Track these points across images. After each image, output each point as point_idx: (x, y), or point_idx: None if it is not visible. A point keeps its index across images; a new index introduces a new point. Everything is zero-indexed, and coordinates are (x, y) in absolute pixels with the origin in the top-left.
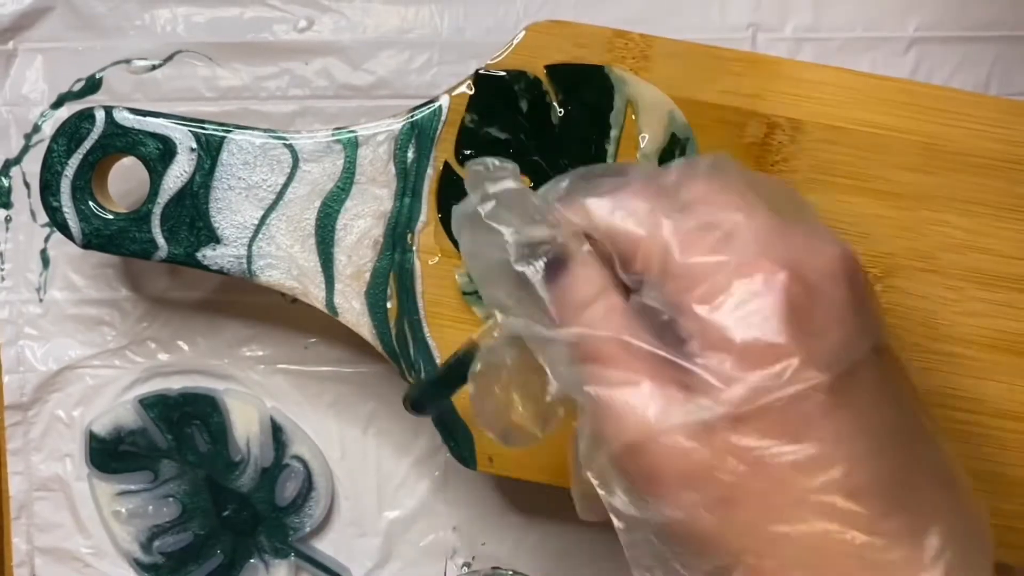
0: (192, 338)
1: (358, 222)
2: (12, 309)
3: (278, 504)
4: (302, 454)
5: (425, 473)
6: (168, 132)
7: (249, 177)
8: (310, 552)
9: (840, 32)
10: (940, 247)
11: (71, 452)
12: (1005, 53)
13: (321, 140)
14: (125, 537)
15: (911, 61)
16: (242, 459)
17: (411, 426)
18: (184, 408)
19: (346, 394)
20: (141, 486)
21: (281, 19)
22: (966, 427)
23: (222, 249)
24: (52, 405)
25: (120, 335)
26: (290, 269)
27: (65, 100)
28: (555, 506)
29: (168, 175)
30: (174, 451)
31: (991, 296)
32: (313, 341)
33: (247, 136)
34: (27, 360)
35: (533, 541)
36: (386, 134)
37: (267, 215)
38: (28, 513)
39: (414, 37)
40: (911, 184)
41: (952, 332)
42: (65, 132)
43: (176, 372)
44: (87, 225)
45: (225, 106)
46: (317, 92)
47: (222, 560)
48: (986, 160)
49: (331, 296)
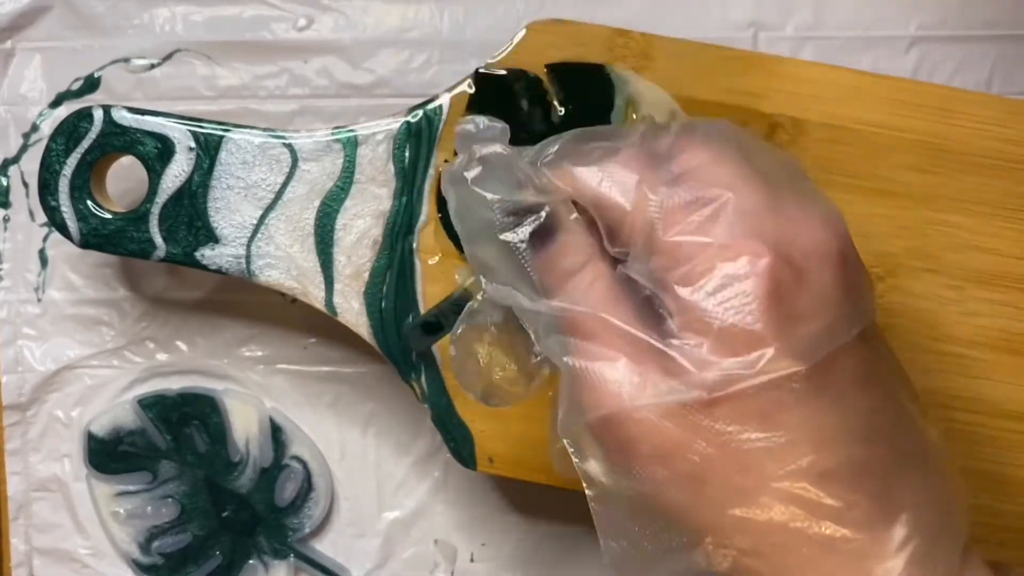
0: (191, 338)
1: (357, 222)
2: (10, 309)
3: (277, 505)
4: (301, 454)
5: (425, 473)
6: (167, 131)
7: (248, 176)
8: (309, 553)
9: (842, 31)
10: (942, 247)
11: (70, 452)
12: (1007, 52)
13: (320, 139)
14: (124, 538)
15: (913, 60)
16: (241, 459)
17: (411, 426)
18: (183, 408)
19: (346, 394)
20: (140, 487)
21: (280, 18)
22: (966, 427)
23: (221, 249)
24: (51, 405)
25: (119, 335)
26: (289, 269)
27: (63, 99)
28: (555, 506)
29: (166, 174)
30: (173, 451)
31: (993, 296)
32: (312, 341)
33: (246, 135)
34: (25, 360)
35: (533, 541)
36: (385, 133)
37: (266, 215)
38: (26, 514)
39: (414, 36)
40: (913, 183)
41: (953, 332)
42: (63, 131)
43: (175, 372)
44: (85, 224)
45: (224, 105)
46: (316, 91)
47: (221, 561)
48: (988, 159)
49: (330, 296)
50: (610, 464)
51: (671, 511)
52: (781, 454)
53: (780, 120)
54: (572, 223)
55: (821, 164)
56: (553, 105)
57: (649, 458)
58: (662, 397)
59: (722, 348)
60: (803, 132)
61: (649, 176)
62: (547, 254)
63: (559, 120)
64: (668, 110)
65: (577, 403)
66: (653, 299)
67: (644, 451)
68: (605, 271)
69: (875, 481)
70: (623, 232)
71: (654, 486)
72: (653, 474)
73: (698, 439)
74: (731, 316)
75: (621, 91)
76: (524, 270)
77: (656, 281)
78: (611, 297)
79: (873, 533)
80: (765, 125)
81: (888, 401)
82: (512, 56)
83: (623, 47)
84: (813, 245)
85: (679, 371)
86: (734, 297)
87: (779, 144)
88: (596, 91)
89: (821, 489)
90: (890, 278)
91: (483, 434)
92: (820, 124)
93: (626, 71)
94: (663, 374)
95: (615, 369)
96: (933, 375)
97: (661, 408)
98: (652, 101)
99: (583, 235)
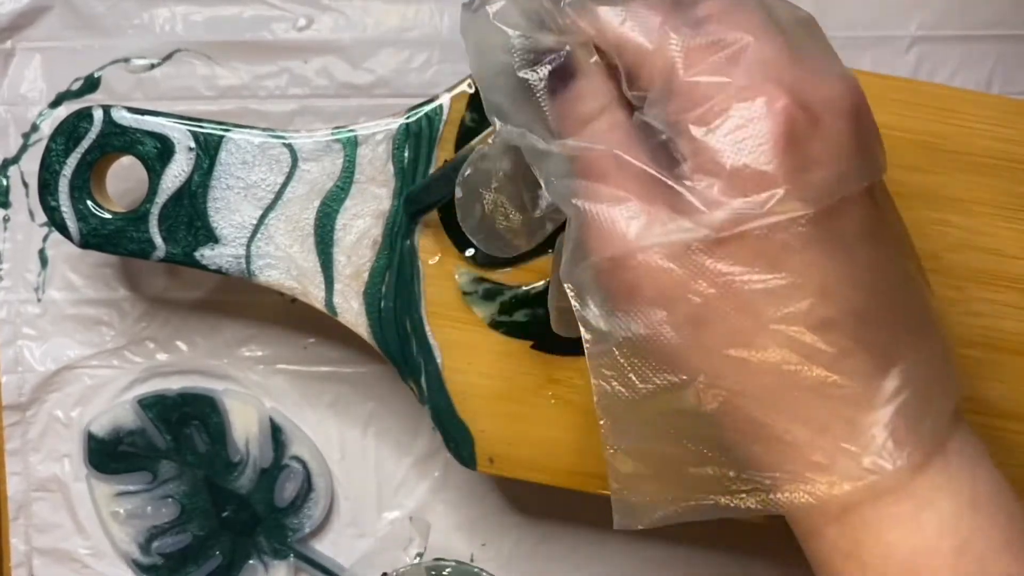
0: (191, 338)
1: (357, 222)
2: (10, 309)
3: (277, 505)
4: (301, 455)
5: (425, 473)
6: (166, 131)
7: (248, 176)
8: (309, 553)
9: (841, 31)
10: (942, 247)
11: (69, 452)
12: (1007, 52)
13: (320, 139)
14: (124, 538)
15: (913, 60)
16: (241, 460)
17: (411, 426)
18: (183, 408)
19: (345, 394)
20: (140, 487)
21: (280, 18)
22: None
23: (220, 249)
24: (50, 405)
25: (119, 335)
26: (289, 269)
27: (63, 99)
28: (555, 506)
29: (166, 174)
30: (173, 452)
31: (993, 296)
32: (312, 341)
33: (246, 135)
34: (25, 360)
35: (533, 541)
36: (385, 133)
37: (266, 215)
38: (26, 514)
39: (414, 36)
40: (913, 183)
41: (954, 332)
42: (63, 131)
43: (175, 372)
44: (85, 225)
45: (224, 105)
46: (316, 91)
47: (221, 561)
48: (988, 159)
49: (330, 296)
50: (611, 307)
51: (667, 352)
52: (781, 297)
53: None
54: (592, 67)
55: None
56: None
57: (651, 300)
58: (669, 236)
59: (733, 188)
60: None
61: (672, 18)
62: (565, 97)
63: None
64: None
65: (583, 246)
66: (668, 145)
67: (647, 293)
68: (623, 118)
69: (872, 333)
70: (643, 74)
71: (653, 328)
72: (653, 316)
73: (701, 280)
74: (744, 156)
75: None
76: (540, 112)
77: (672, 124)
78: (626, 140)
79: (865, 382)
80: None
81: (891, 258)
82: None
83: None
84: (830, 96)
85: (688, 210)
86: (748, 138)
87: None
88: None
89: (817, 335)
90: None
91: (483, 434)
92: None
93: None
94: (672, 213)
95: (625, 210)
96: None
97: (666, 248)
98: None
99: (602, 80)
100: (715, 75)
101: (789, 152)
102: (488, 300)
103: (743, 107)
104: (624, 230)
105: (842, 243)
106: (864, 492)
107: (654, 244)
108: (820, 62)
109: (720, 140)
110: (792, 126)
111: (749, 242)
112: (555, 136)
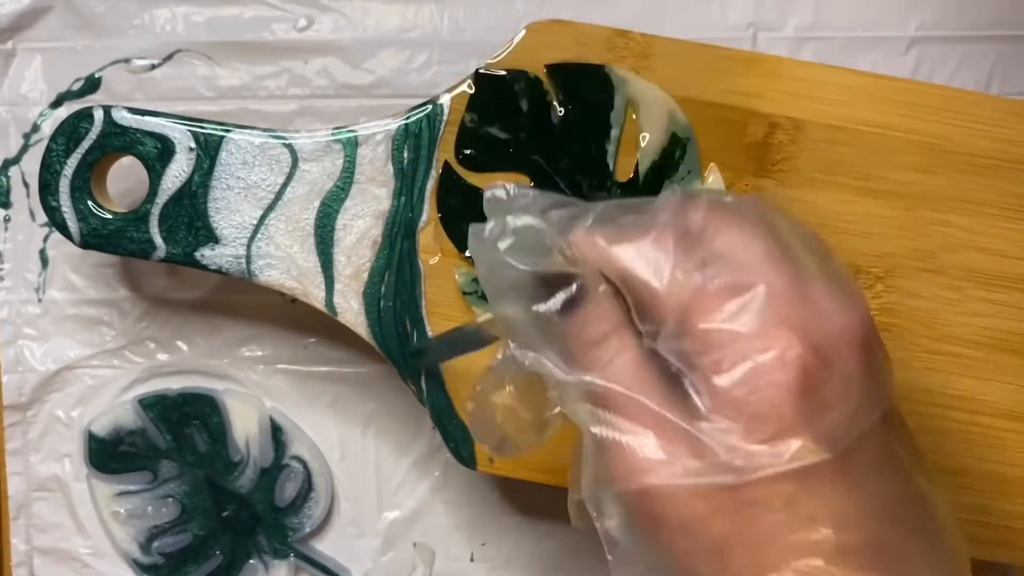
0: (191, 338)
1: (357, 222)
2: (11, 309)
3: (277, 505)
4: (301, 454)
5: (425, 473)
6: (167, 131)
7: (248, 177)
8: (310, 553)
9: (841, 31)
10: (941, 247)
11: (70, 452)
12: (1006, 52)
13: (320, 140)
14: (124, 538)
15: (912, 60)
16: (241, 459)
17: (411, 426)
18: (183, 408)
19: (345, 394)
20: (140, 486)
21: (280, 18)
22: (966, 427)
23: (221, 249)
24: (51, 405)
25: (119, 335)
26: (289, 269)
27: (64, 100)
28: (555, 506)
29: (167, 175)
30: (173, 451)
31: (992, 296)
32: (312, 341)
33: (246, 136)
34: (26, 360)
35: (533, 541)
36: (384, 134)
37: (266, 215)
38: (27, 513)
39: (414, 36)
40: (912, 184)
41: (953, 332)
42: (64, 131)
43: (175, 372)
44: (86, 225)
45: (224, 105)
46: (316, 91)
47: (221, 561)
48: (987, 159)
49: (331, 296)
50: (634, 531)
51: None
52: (802, 532)
53: (779, 120)
54: (600, 294)
55: (821, 164)
56: (553, 105)
57: (675, 530)
58: (693, 478)
59: (752, 435)
60: (802, 132)
61: (682, 259)
62: (574, 322)
63: (559, 121)
64: (667, 110)
65: (605, 471)
66: (681, 375)
67: (671, 523)
68: (631, 342)
69: (889, 560)
70: (654, 311)
71: (678, 555)
72: (678, 544)
73: (723, 515)
74: (762, 405)
75: (621, 91)
76: (551, 335)
77: (687, 364)
78: (638, 370)
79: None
80: (764, 125)
81: (904, 483)
82: (512, 56)
83: (623, 47)
84: (839, 332)
85: (709, 454)
86: (764, 387)
87: (779, 144)
88: (596, 91)
89: (838, 567)
90: (889, 278)
91: None
92: (819, 124)
93: (626, 71)
94: (693, 455)
95: (645, 445)
96: (933, 375)
97: (690, 489)
98: (652, 101)
99: (611, 305)
100: (729, 323)
101: (804, 399)
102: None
103: (757, 357)
104: (646, 467)
105: (857, 478)
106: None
107: (677, 484)
108: (827, 291)
109: (737, 387)
110: (806, 372)
111: (770, 483)
112: (564, 357)
